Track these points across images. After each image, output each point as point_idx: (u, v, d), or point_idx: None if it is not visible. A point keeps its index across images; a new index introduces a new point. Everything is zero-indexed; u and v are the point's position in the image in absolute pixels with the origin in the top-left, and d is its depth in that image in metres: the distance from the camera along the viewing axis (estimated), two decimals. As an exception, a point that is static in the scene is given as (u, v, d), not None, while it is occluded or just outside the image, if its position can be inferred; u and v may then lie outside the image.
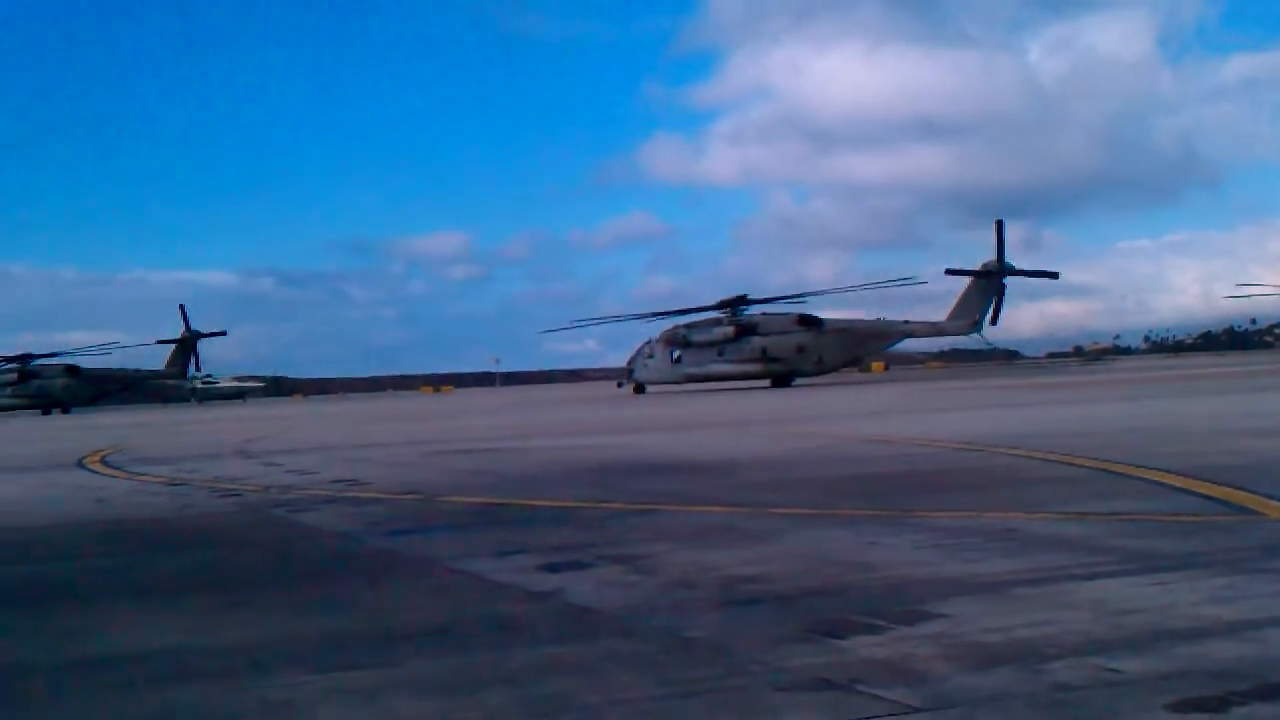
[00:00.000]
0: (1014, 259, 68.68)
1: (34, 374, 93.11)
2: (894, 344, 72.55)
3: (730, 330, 68.17)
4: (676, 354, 70.15)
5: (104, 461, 20.28)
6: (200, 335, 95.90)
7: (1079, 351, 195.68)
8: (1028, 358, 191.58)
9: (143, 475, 16.33)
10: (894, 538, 7.20)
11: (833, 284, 72.25)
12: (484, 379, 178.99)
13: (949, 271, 69.17)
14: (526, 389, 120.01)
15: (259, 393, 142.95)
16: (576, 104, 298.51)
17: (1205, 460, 10.84)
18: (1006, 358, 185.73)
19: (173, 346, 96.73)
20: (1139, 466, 10.62)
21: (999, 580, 5.67)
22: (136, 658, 4.98)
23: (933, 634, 4.63)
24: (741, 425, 23.73)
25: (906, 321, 69.38)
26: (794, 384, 67.01)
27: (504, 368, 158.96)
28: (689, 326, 70.34)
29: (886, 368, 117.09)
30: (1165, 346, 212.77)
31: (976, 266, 68.07)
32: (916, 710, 3.66)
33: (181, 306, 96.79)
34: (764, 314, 69.66)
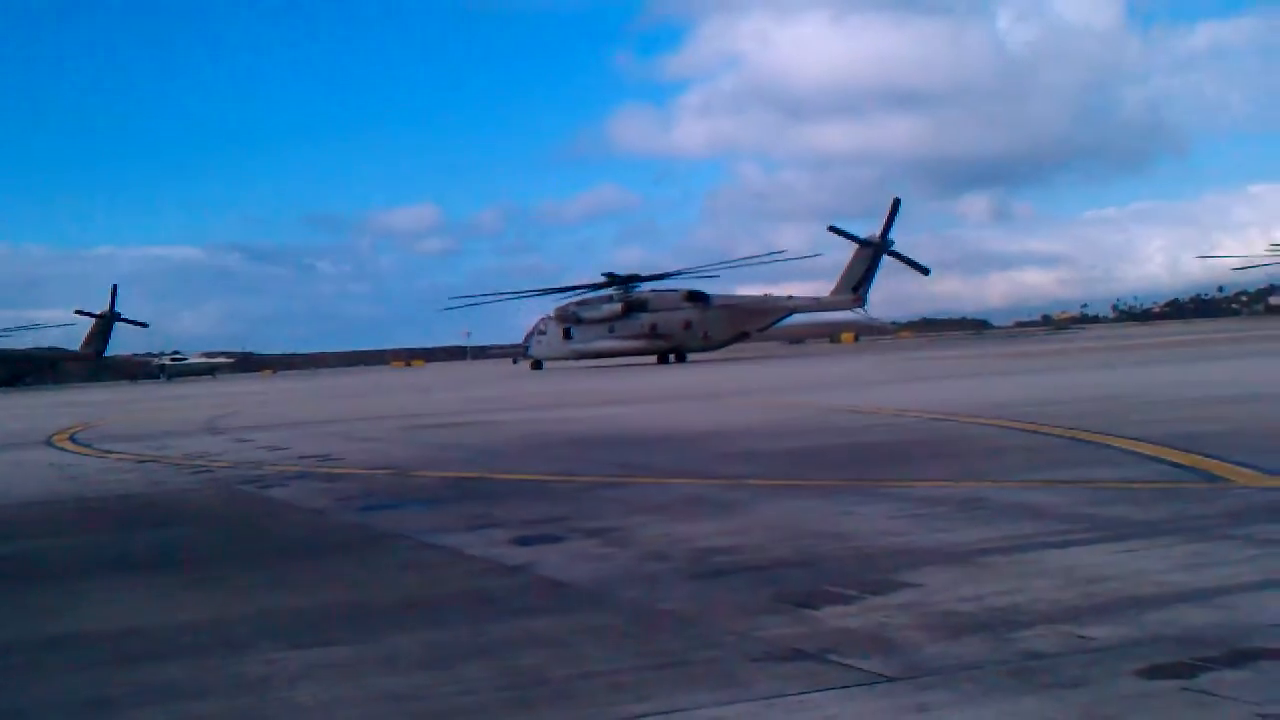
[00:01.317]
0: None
1: None
2: (780, 320, 72.99)
3: (618, 307, 68.83)
4: (569, 330, 70.90)
5: (73, 439, 20.19)
6: (120, 318, 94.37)
7: (1047, 320, 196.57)
8: (996, 327, 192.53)
9: (112, 453, 16.27)
10: (866, 507, 7.22)
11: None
12: (455, 353, 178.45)
13: (831, 229, 70.41)
14: (497, 364, 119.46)
15: (228, 369, 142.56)
16: (546, 75, 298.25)
17: (1174, 428, 10.90)
18: (976, 327, 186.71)
19: (90, 326, 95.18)
20: (1109, 435, 10.68)
21: (971, 549, 5.70)
22: (109, 636, 4.97)
23: (905, 603, 4.65)
24: (710, 398, 23.75)
25: (791, 297, 70.33)
26: (687, 360, 67.45)
27: (475, 341, 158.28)
28: (580, 304, 71.13)
29: (857, 338, 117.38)
30: (1133, 315, 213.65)
31: (863, 236, 68.99)
32: (890, 679, 3.68)
33: (115, 287, 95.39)
34: (654, 291, 70.24)
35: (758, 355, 72.93)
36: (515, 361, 79.71)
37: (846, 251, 69.68)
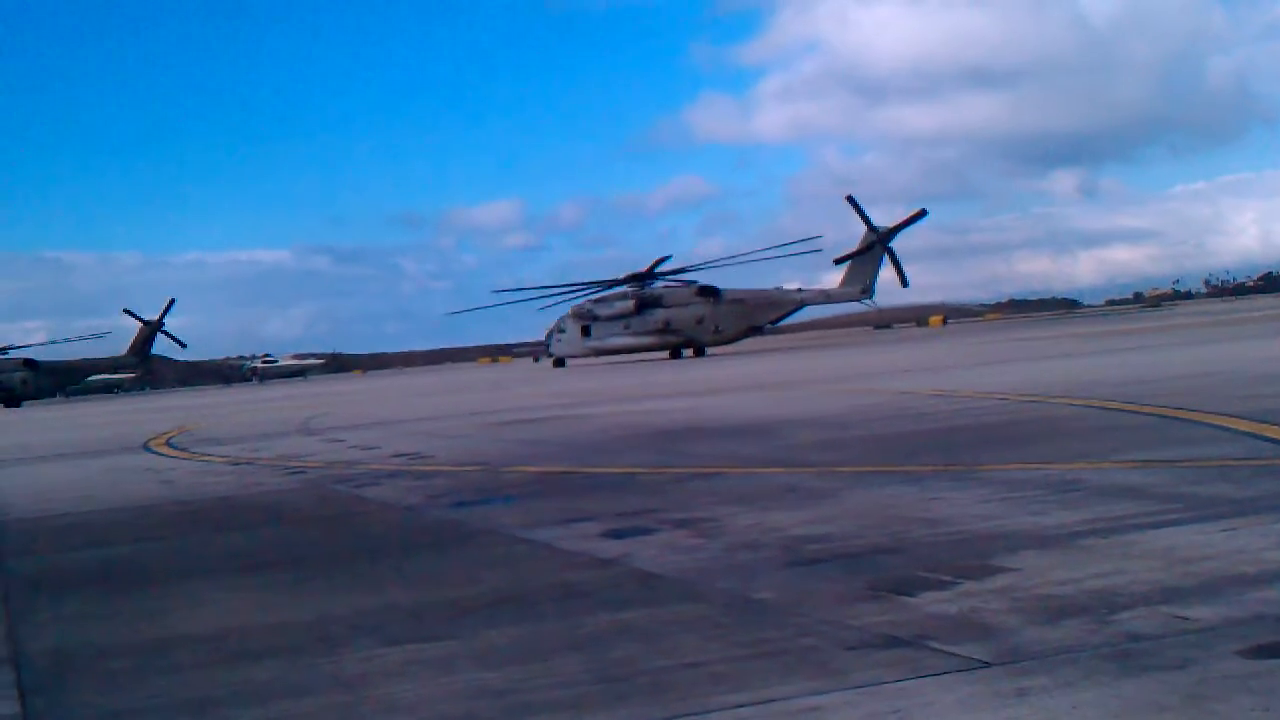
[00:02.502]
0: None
1: None
2: (790, 314, 73.31)
3: (631, 304, 70.31)
4: (587, 328, 72.38)
5: (169, 444, 20.51)
6: (164, 331, 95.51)
7: (1139, 298, 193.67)
8: (1087, 306, 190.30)
9: (207, 456, 16.52)
10: (959, 492, 7.16)
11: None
12: (540, 348, 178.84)
13: (836, 261, 70.15)
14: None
15: (319, 370, 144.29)
16: (624, 67, 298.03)
17: (1271, 404, 10.70)
18: (1066, 307, 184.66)
19: (134, 333, 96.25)
20: (1204, 412, 10.51)
21: (1066, 531, 5.64)
22: (209, 637, 5.04)
23: (1001, 588, 4.61)
24: (789, 386, 23.66)
25: (800, 290, 70.73)
26: (706, 354, 68.49)
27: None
28: (595, 302, 72.58)
29: (945, 321, 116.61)
30: (1226, 290, 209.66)
31: (858, 245, 68.52)
32: (987, 665, 3.65)
33: (171, 301, 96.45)
34: (666, 286, 71.63)
35: (839, 342, 72.61)
36: (536, 359, 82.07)
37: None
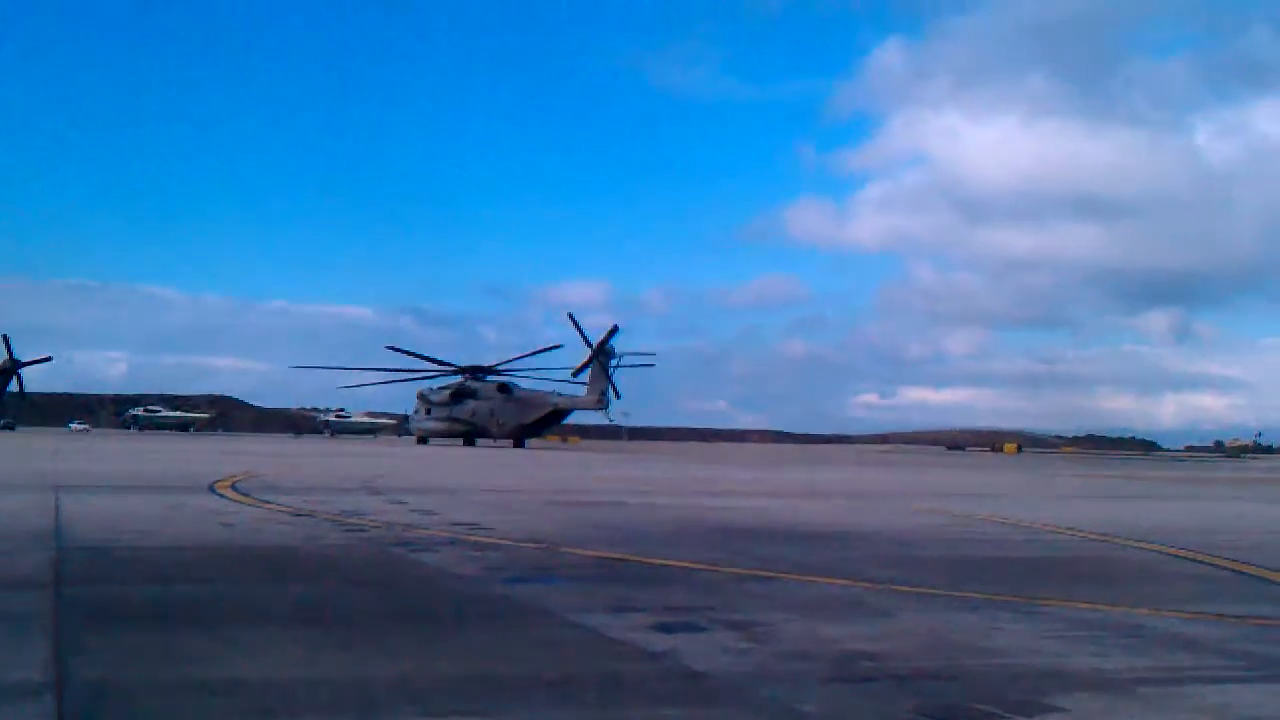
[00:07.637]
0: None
1: None
2: (550, 416, 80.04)
3: (447, 394, 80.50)
4: (429, 410, 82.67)
5: (234, 488, 20.66)
6: (21, 364, 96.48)
7: (1219, 446, 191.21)
8: (1166, 449, 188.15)
9: (271, 504, 16.61)
10: (1018, 624, 7.07)
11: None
12: (610, 432, 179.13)
13: (573, 374, 78.85)
14: (650, 444, 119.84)
15: (389, 430, 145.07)
16: (726, 162, 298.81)
17: (1346, 569, 10.48)
18: (1144, 447, 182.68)
19: None
20: (1276, 570, 10.32)
21: (1123, 677, 5.54)
22: (254, 685, 5.05)
23: (1051, 727, 4.53)
24: (858, 498, 23.49)
25: (558, 394, 79.35)
26: (526, 445, 76.96)
27: (632, 423, 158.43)
28: (431, 389, 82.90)
29: (1019, 449, 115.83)
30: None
31: (584, 361, 77.11)
32: (1030, 805, 3.58)
33: (4, 337, 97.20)
34: (483, 381, 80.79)
35: (911, 460, 72.09)
36: (399, 435, 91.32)
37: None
